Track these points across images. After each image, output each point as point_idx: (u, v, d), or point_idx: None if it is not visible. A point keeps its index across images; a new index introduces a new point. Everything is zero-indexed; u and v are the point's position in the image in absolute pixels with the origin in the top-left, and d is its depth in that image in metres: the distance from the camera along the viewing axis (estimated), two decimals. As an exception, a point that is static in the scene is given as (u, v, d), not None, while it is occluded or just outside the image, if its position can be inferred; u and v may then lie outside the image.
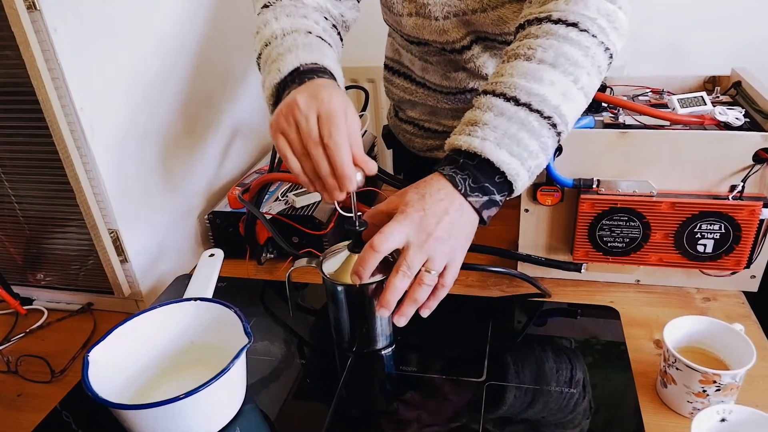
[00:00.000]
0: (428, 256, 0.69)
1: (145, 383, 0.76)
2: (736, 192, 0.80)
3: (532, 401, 0.72)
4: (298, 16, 0.88)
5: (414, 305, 0.70)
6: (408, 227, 0.68)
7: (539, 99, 0.70)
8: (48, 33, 0.75)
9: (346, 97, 0.74)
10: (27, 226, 0.93)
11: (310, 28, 0.86)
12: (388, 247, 0.68)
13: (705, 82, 1.00)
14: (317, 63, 0.79)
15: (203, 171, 1.12)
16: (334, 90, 0.72)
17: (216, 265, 0.89)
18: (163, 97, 0.99)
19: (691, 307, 0.88)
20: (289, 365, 0.81)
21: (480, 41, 1.00)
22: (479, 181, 0.70)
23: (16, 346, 0.92)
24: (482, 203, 0.71)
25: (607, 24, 0.74)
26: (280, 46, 0.82)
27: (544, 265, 0.93)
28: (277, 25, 0.85)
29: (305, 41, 0.82)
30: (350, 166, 0.69)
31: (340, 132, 0.68)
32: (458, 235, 0.70)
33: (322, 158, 0.69)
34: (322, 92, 0.71)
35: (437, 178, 0.71)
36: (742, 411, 0.61)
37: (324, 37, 0.87)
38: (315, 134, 0.69)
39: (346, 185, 0.69)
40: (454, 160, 0.72)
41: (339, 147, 0.68)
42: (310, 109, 0.69)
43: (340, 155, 0.68)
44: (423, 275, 0.69)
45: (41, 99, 0.78)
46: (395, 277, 0.68)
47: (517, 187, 0.72)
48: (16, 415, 0.79)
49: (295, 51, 0.80)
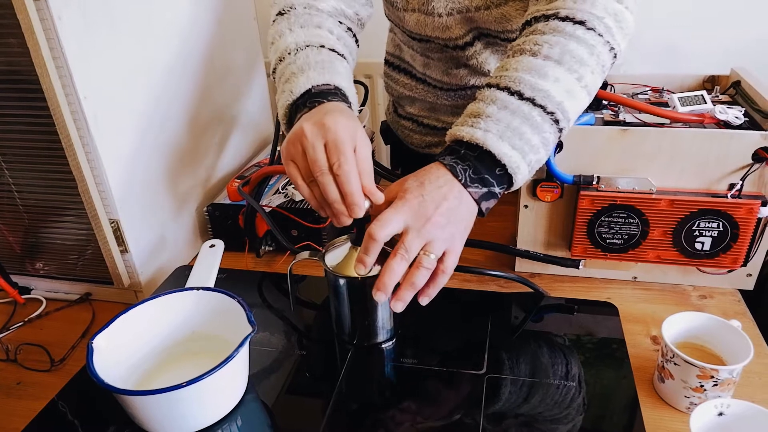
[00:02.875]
0: (427, 240, 0.68)
1: (147, 371, 0.76)
2: (734, 190, 0.81)
3: (532, 394, 0.73)
4: (312, 26, 0.88)
5: (412, 290, 0.69)
6: (406, 213, 0.68)
7: (543, 94, 0.71)
8: (53, 21, 0.75)
9: (356, 121, 0.75)
10: (26, 215, 0.93)
11: (323, 40, 0.87)
12: (386, 234, 0.68)
13: (704, 82, 1.01)
14: (329, 84, 0.80)
15: (202, 163, 1.13)
16: (341, 116, 0.73)
17: (217, 256, 0.89)
18: (165, 89, 0.99)
19: (687, 305, 0.89)
20: (289, 356, 0.81)
21: (482, 38, 1.01)
22: (480, 172, 0.70)
23: (15, 334, 0.92)
24: (481, 194, 0.71)
25: (613, 23, 0.75)
26: (293, 64, 0.83)
27: (543, 261, 0.94)
28: (291, 38, 0.86)
29: (318, 59, 0.83)
30: (360, 195, 0.70)
31: (348, 161, 0.69)
32: (457, 222, 0.70)
33: (331, 186, 0.70)
34: (329, 120, 0.71)
35: (437, 167, 0.71)
36: (740, 405, 0.62)
37: (337, 49, 0.87)
38: (321, 163, 0.70)
39: (356, 212, 0.71)
40: (455, 150, 0.72)
41: (348, 176, 0.69)
42: (316, 138, 0.71)
43: (350, 185, 0.69)
44: (422, 258, 0.68)
45: (45, 87, 0.78)
46: (393, 259, 0.68)
47: (516, 181, 0.72)
48: (15, 402, 0.79)
49: (307, 71, 0.81)
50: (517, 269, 0.98)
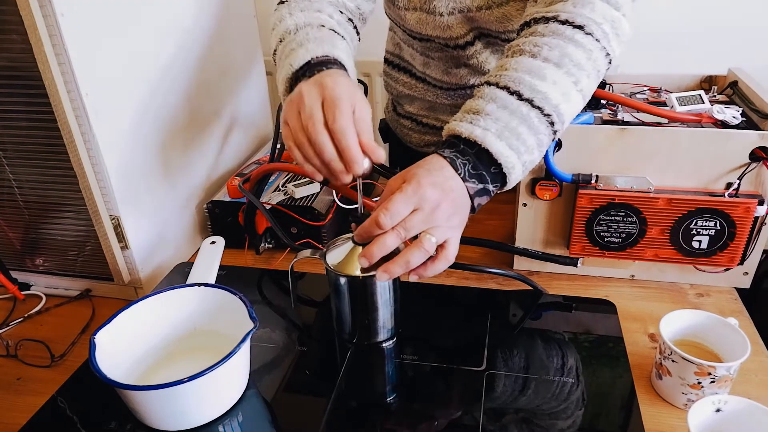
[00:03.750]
0: (431, 225, 0.67)
1: (148, 367, 0.77)
2: (732, 189, 0.82)
3: (531, 391, 0.73)
4: (312, 10, 0.89)
5: (404, 267, 0.67)
6: (415, 199, 0.67)
7: (542, 96, 0.71)
8: (55, 17, 0.75)
9: (355, 85, 0.74)
10: (27, 210, 0.93)
11: (323, 21, 0.87)
12: (393, 223, 0.66)
13: (702, 82, 1.01)
14: (328, 55, 0.80)
15: (202, 160, 1.13)
16: (340, 77, 0.73)
17: (218, 253, 0.90)
18: (166, 87, 0.99)
19: (684, 303, 0.90)
20: (290, 353, 0.82)
21: (483, 38, 1.01)
22: (478, 168, 0.71)
23: (15, 330, 0.92)
24: (476, 190, 0.71)
25: (610, 30, 0.75)
26: (292, 41, 0.83)
27: (541, 259, 0.95)
28: (291, 20, 0.86)
29: (317, 35, 0.83)
30: (357, 149, 0.69)
31: (343, 115, 0.68)
32: (459, 213, 0.70)
33: (326, 142, 0.69)
34: (327, 79, 0.71)
35: (438, 159, 0.71)
36: (737, 402, 0.63)
37: (337, 30, 0.87)
38: (317, 118, 0.69)
39: (354, 168, 0.69)
40: (454, 144, 0.72)
41: (344, 130, 0.68)
42: (312, 96, 0.70)
43: (345, 139, 0.68)
44: (423, 239, 0.67)
45: (47, 84, 0.78)
46: (388, 234, 0.66)
47: (510, 180, 0.72)
48: (15, 398, 0.79)
49: (306, 45, 0.81)
50: (516, 267, 0.98)
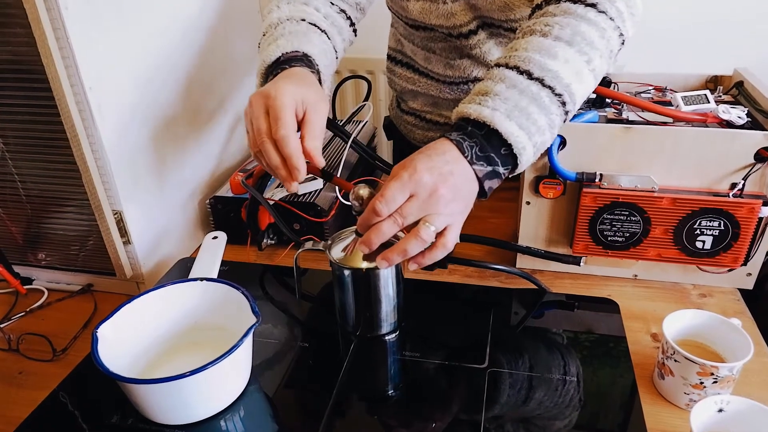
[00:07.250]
0: (428, 212, 0.67)
1: (151, 361, 0.77)
2: (736, 190, 0.82)
3: (533, 389, 0.73)
4: (298, 3, 0.90)
5: (402, 255, 0.68)
6: (411, 185, 0.67)
7: (552, 75, 0.70)
8: (59, 11, 0.75)
9: (309, 86, 0.77)
10: (29, 205, 0.93)
11: (305, 15, 0.89)
12: (390, 210, 0.67)
13: (707, 82, 1.01)
14: (297, 51, 0.83)
15: (206, 156, 1.13)
16: (288, 82, 0.76)
17: (220, 247, 0.90)
18: (169, 82, 0.99)
19: (687, 303, 0.89)
20: (292, 348, 0.82)
21: (486, 27, 1.01)
22: (486, 150, 0.70)
23: (17, 324, 0.92)
24: (486, 173, 0.70)
25: (625, 8, 0.75)
26: (271, 36, 0.86)
27: (544, 257, 0.94)
28: (275, 14, 0.89)
29: (293, 29, 0.85)
30: (298, 158, 0.72)
31: (284, 126, 0.72)
32: (461, 199, 0.70)
33: (271, 152, 0.73)
34: (272, 88, 0.74)
35: (443, 142, 0.71)
36: (740, 402, 0.63)
37: (319, 24, 0.89)
38: (262, 131, 0.73)
39: (296, 176, 0.73)
40: (462, 127, 0.71)
41: (284, 139, 0.72)
42: (259, 107, 0.74)
43: (287, 148, 0.72)
44: (421, 228, 0.67)
45: (51, 77, 0.78)
46: (385, 221, 0.67)
47: (521, 162, 0.71)
48: (17, 391, 0.79)
49: (279, 40, 0.84)
50: (518, 266, 0.98)
